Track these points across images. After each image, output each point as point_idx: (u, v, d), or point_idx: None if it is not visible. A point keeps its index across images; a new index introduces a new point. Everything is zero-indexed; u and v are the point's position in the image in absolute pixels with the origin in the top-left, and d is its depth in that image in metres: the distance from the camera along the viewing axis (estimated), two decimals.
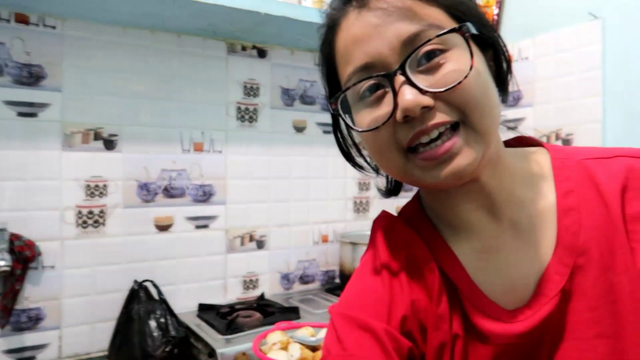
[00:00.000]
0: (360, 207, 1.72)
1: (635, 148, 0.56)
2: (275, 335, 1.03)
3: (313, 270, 1.62)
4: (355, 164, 0.64)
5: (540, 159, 0.58)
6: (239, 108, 1.47)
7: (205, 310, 1.34)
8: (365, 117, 0.52)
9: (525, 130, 1.56)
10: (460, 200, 0.55)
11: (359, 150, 0.63)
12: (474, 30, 0.49)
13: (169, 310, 1.21)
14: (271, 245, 1.53)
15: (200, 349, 1.18)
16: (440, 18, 0.49)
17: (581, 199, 0.54)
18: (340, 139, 0.63)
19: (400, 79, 0.48)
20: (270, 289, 1.53)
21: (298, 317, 1.29)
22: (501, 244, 0.55)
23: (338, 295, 1.50)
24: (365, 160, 0.64)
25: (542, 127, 1.52)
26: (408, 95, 0.47)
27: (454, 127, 0.49)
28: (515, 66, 1.63)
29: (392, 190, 0.68)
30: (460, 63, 0.48)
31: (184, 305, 1.37)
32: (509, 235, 0.55)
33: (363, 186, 1.72)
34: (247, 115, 1.49)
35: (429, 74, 0.48)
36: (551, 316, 0.52)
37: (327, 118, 1.63)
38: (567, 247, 0.53)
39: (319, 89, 1.62)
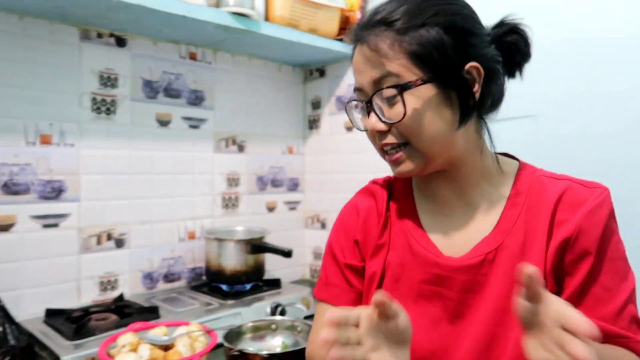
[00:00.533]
0: (229, 203, 1.71)
1: (580, 179, 0.74)
2: (125, 337, 0.99)
3: (179, 268, 1.58)
4: None
5: (511, 168, 0.78)
6: (94, 99, 1.38)
7: (54, 316, 1.24)
8: (358, 120, 0.77)
9: None
10: (436, 180, 0.78)
11: None
12: (415, 86, 0.67)
13: (7, 318, 1.10)
14: (132, 244, 1.47)
15: (45, 357, 1.09)
16: (401, 66, 0.67)
17: (526, 200, 0.73)
18: None
19: (370, 107, 0.71)
20: (131, 289, 1.46)
21: (157, 317, 1.25)
22: (455, 213, 0.77)
23: (205, 293, 1.49)
24: None
25: None
26: (371, 120, 0.71)
27: (405, 144, 0.71)
28: None
29: None
30: (401, 109, 0.68)
31: (29, 311, 1.26)
32: (462, 209, 0.77)
33: (232, 182, 1.72)
34: (104, 107, 1.40)
35: (389, 105, 0.69)
36: (472, 270, 0.72)
37: (193, 112, 1.60)
38: (502, 230, 0.73)
39: (185, 82, 1.58)
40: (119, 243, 1.44)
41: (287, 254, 1.46)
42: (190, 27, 1.39)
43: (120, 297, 1.39)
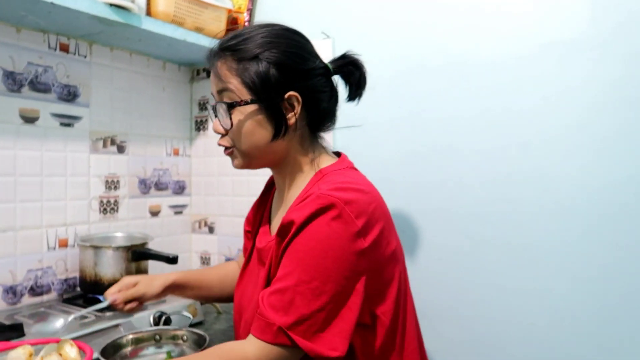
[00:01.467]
0: (107, 207, 1.59)
1: (336, 186, 0.80)
2: None
3: (48, 280, 1.43)
4: None
5: (309, 174, 0.92)
6: None
7: None
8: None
9: None
10: (275, 175, 0.99)
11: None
12: (241, 105, 0.86)
13: None
14: None
15: None
16: (235, 87, 0.85)
17: (296, 202, 0.86)
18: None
19: (213, 113, 0.91)
20: None
21: (21, 335, 1.12)
22: (280, 205, 0.98)
23: (79, 305, 1.36)
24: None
25: None
26: (213, 125, 0.91)
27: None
28: None
29: None
30: (229, 121, 0.87)
31: None
32: (281, 202, 0.98)
33: (111, 184, 1.60)
34: None
35: (226, 115, 0.86)
36: (261, 250, 0.94)
37: (65, 109, 1.47)
38: (281, 221, 0.84)
39: (56, 76, 1.44)
40: None
41: (172, 260, 1.40)
42: (60, 16, 1.27)
43: None
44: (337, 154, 0.99)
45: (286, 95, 0.85)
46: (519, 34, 1.25)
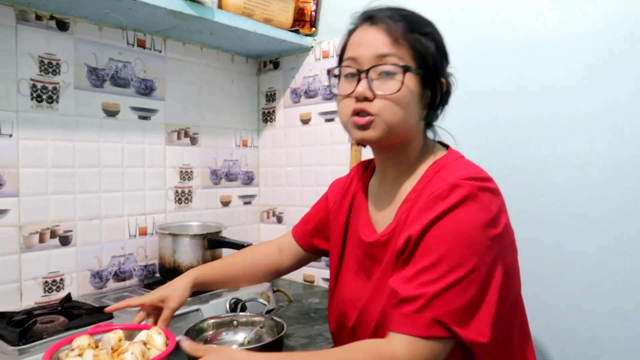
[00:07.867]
0: (182, 197, 1.65)
1: (467, 175, 0.78)
2: (81, 340, 0.92)
3: (130, 266, 1.50)
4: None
5: (428, 165, 0.89)
6: (34, 86, 1.28)
7: None
8: (341, 86, 0.88)
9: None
10: (384, 161, 0.93)
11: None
12: (413, 72, 0.82)
13: None
14: (79, 241, 1.38)
15: None
16: (404, 54, 0.82)
17: (417, 196, 0.85)
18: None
19: (363, 75, 0.82)
20: (79, 289, 1.38)
21: (110, 318, 1.18)
22: (387, 197, 0.93)
23: None
24: None
25: None
26: (360, 88, 0.82)
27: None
28: (332, 62, 1.72)
29: None
30: (397, 84, 0.81)
31: None
32: (388, 194, 0.93)
33: (185, 175, 1.66)
34: (45, 95, 1.30)
35: (380, 80, 0.82)
36: (374, 245, 0.90)
37: (143, 103, 1.53)
38: (396, 219, 0.88)
39: (134, 70, 1.50)
40: (64, 240, 1.35)
41: (245, 247, 1.42)
42: (139, 12, 1.32)
43: (68, 298, 1.30)
44: (441, 143, 0.98)
45: (440, 79, 0.87)
46: (604, 9, 1.16)
